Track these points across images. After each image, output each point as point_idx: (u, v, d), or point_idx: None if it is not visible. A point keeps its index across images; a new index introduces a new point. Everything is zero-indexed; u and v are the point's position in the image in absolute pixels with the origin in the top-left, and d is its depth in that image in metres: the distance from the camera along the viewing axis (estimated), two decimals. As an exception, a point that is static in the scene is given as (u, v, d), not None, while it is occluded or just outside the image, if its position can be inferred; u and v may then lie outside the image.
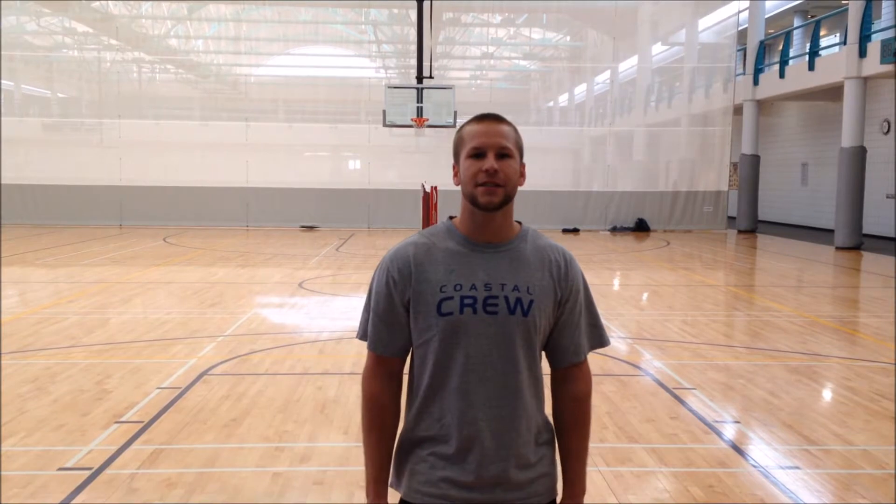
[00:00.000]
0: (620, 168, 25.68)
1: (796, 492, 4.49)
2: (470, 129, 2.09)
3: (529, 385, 2.07)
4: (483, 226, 2.07)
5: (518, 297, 2.03)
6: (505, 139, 2.06)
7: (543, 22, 30.42)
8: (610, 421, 5.68)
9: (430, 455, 2.05)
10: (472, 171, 2.04)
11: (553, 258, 2.11)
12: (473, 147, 2.05)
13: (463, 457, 2.02)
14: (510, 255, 2.07)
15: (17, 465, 4.73)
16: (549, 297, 2.07)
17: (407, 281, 2.05)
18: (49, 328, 8.81)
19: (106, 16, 26.63)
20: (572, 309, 2.13)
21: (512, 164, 2.06)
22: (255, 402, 6.06)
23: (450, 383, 2.03)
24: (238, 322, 9.33)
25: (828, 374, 7.37)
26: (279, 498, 4.33)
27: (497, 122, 2.08)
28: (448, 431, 2.03)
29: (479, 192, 2.03)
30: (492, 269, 2.05)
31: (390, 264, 2.09)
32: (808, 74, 21.15)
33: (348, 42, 32.88)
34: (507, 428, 2.03)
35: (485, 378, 2.02)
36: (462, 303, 2.02)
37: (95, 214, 23.46)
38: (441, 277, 2.04)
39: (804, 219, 26.22)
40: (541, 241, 2.14)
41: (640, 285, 13.52)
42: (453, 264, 2.05)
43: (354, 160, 26.84)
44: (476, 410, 2.02)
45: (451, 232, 2.10)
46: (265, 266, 15.23)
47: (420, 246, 2.08)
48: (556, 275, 2.09)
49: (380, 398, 2.12)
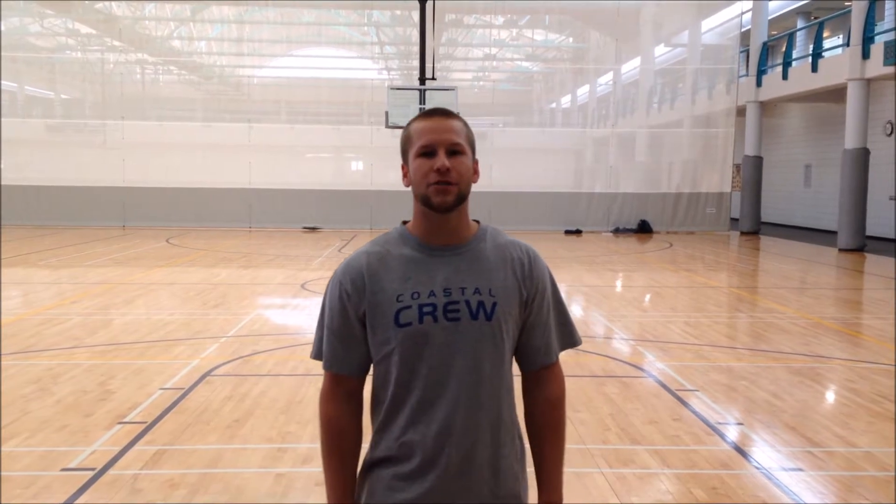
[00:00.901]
0: (623, 169, 25.67)
1: (799, 493, 4.48)
2: (417, 126, 1.95)
3: (498, 394, 1.94)
4: (438, 228, 1.95)
5: (480, 300, 1.91)
6: (455, 135, 1.93)
7: (546, 23, 30.42)
8: (612, 422, 5.68)
9: (391, 476, 1.92)
10: (422, 171, 1.91)
11: (515, 256, 1.99)
12: (422, 145, 1.92)
13: (424, 475, 1.89)
14: (469, 256, 1.95)
15: (21, 465, 4.74)
16: (514, 298, 1.95)
17: (361, 293, 1.93)
18: (52, 329, 8.83)
19: (109, 17, 26.66)
20: (540, 308, 2.01)
21: (464, 160, 1.93)
22: (258, 402, 6.06)
23: (412, 398, 1.90)
24: (241, 323, 9.33)
25: (831, 375, 7.36)
26: (282, 499, 4.34)
27: (446, 118, 1.94)
28: (410, 449, 1.90)
29: (432, 192, 1.90)
30: (450, 273, 1.92)
31: (343, 277, 1.96)
32: (812, 76, 21.13)
33: (351, 43, 32.89)
34: (472, 441, 1.90)
35: (448, 391, 1.89)
36: (421, 311, 1.89)
37: (98, 215, 23.48)
38: (397, 286, 1.91)
39: (807, 220, 26.19)
40: (501, 239, 2.01)
41: (643, 287, 13.51)
42: (409, 271, 1.92)
43: (357, 161, 26.86)
44: (439, 425, 1.89)
45: (405, 237, 1.98)
46: (268, 267, 15.25)
47: (373, 255, 1.96)
48: (519, 273, 1.97)
49: (338, 421, 1.98)
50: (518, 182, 24.52)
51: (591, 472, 4.71)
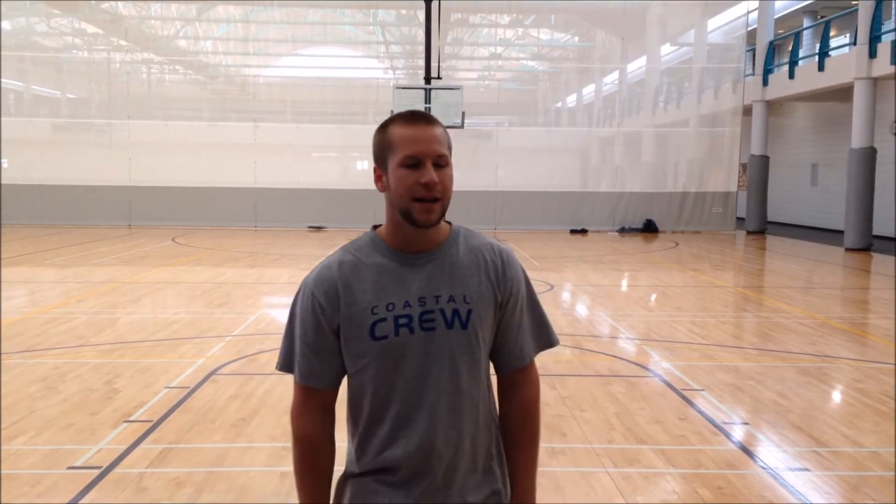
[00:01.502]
0: (629, 169, 25.63)
1: (805, 493, 4.47)
2: (401, 132, 1.87)
3: (476, 402, 1.92)
4: (413, 238, 1.89)
5: (455, 308, 1.87)
6: (441, 145, 1.86)
7: (551, 22, 30.40)
8: (618, 422, 5.67)
9: (373, 482, 1.89)
10: (407, 183, 1.83)
11: (488, 259, 1.94)
12: (408, 155, 1.84)
13: (409, 486, 1.87)
14: (442, 262, 1.90)
15: (27, 464, 4.75)
16: (489, 303, 1.91)
17: (335, 306, 1.87)
18: (58, 328, 8.85)
19: (115, 17, 26.72)
20: (513, 310, 1.96)
21: (449, 172, 1.88)
22: (264, 401, 6.07)
23: (390, 411, 1.87)
24: (246, 322, 9.35)
25: (837, 375, 7.34)
26: (287, 497, 4.34)
27: (430, 126, 1.87)
28: (392, 463, 1.87)
29: (416, 210, 1.84)
30: (424, 282, 1.88)
31: (315, 288, 1.89)
32: (818, 75, 21.08)
33: (356, 43, 32.90)
34: (454, 451, 1.88)
35: (427, 402, 1.86)
36: (397, 323, 1.85)
37: (104, 214, 23.54)
38: (371, 298, 1.86)
39: (813, 220, 26.12)
40: (474, 241, 1.96)
41: (649, 286, 13.49)
42: (383, 281, 1.87)
43: (362, 161, 26.86)
44: (419, 438, 1.86)
45: (377, 244, 1.92)
46: (273, 266, 15.27)
47: (345, 264, 1.90)
48: (493, 276, 1.92)
49: (312, 438, 1.93)
50: (523, 181, 24.50)
51: (596, 472, 4.71)
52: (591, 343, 8.46)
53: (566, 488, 4.47)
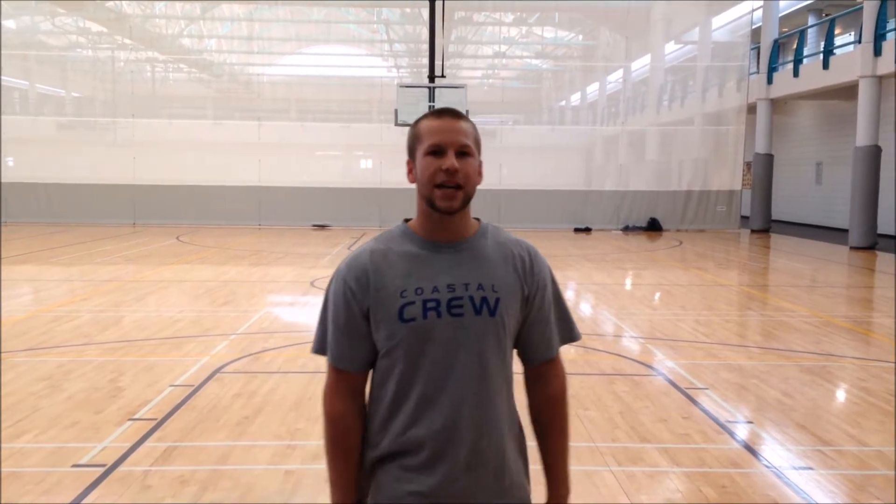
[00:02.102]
0: (633, 167, 25.60)
1: (809, 492, 4.47)
2: (427, 124, 1.98)
3: (500, 388, 1.98)
4: (441, 226, 1.98)
5: (483, 296, 1.95)
6: (465, 136, 1.96)
7: (556, 21, 30.38)
8: (622, 421, 5.67)
9: (396, 468, 1.94)
10: (430, 170, 1.95)
11: (516, 253, 2.02)
12: (432, 144, 1.95)
13: (431, 467, 1.92)
14: (471, 253, 1.99)
15: (32, 462, 4.76)
16: (516, 294, 1.99)
17: (365, 290, 1.95)
18: (63, 326, 8.87)
19: (120, 15, 26.77)
20: (541, 304, 2.04)
21: (472, 162, 1.97)
22: (268, 400, 6.07)
23: (415, 392, 1.93)
24: (250, 320, 9.36)
25: (842, 374, 7.32)
26: (291, 495, 4.35)
27: (456, 119, 1.98)
28: (416, 444, 1.92)
29: (438, 196, 1.94)
30: (453, 269, 1.96)
31: (347, 274, 1.98)
32: (823, 73, 21.03)
33: (360, 41, 32.94)
34: (478, 435, 1.93)
35: (453, 385, 1.92)
36: (425, 307, 1.92)
37: (109, 213, 23.59)
38: (400, 282, 1.94)
39: (818, 218, 26.07)
40: (502, 237, 2.05)
41: (653, 285, 13.48)
42: (412, 267, 1.95)
43: (366, 159, 26.88)
44: (444, 419, 1.91)
45: (408, 234, 2.02)
46: (277, 265, 15.28)
47: (376, 252, 1.98)
48: (520, 270, 2.00)
49: (344, 418, 2.00)
50: (527, 180, 24.50)
51: (600, 471, 4.70)
52: (595, 342, 8.46)
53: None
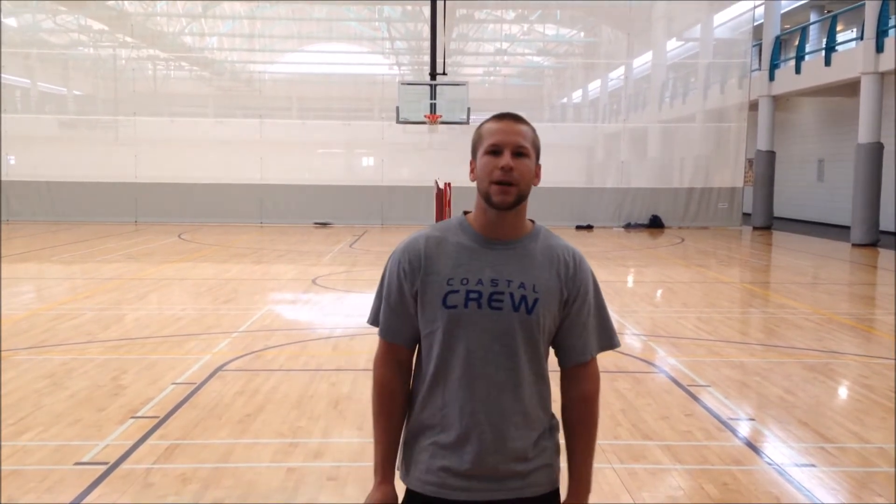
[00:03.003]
0: (634, 164, 25.58)
1: (812, 490, 4.47)
2: (489, 126, 2.12)
3: (531, 381, 2.08)
4: (495, 223, 2.10)
5: (524, 294, 2.06)
6: (522, 138, 2.09)
7: (557, 18, 30.34)
8: (624, 418, 5.67)
9: (431, 444, 2.09)
10: (488, 168, 2.07)
11: (562, 258, 2.13)
12: (491, 144, 2.08)
13: (462, 446, 2.05)
14: (519, 252, 2.10)
15: (34, 459, 4.77)
16: (555, 297, 2.09)
17: (417, 272, 2.09)
18: (65, 324, 8.88)
19: (121, 13, 26.77)
20: (580, 309, 2.14)
21: (527, 163, 2.10)
22: (270, 398, 6.08)
23: (452, 374, 2.06)
24: (252, 318, 9.36)
25: (844, 371, 7.32)
26: (293, 493, 4.35)
27: (516, 122, 2.11)
28: (449, 421, 2.06)
29: (494, 191, 2.06)
30: (500, 266, 2.07)
31: (402, 255, 2.12)
32: (825, 70, 20.99)
33: (362, 39, 32.91)
34: (505, 422, 2.05)
35: (486, 372, 2.05)
36: (467, 297, 2.05)
37: (111, 211, 23.61)
38: (449, 271, 2.07)
39: (820, 215, 26.04)
40: (552, 241, 2.15)
41: (655, 282, 13.47)
42: (462, 258, 2.08)
43: (368, 157, 26.87)
44: (476, 402, 2.04)
45: (464, 227, 2.13)
46: (279, 263, 15.29)
47: (432, 239, 2.12)
48: (563, 275, 2.11)
49: (390, 384, 2.15)
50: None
51: (602, 468, 4.71)
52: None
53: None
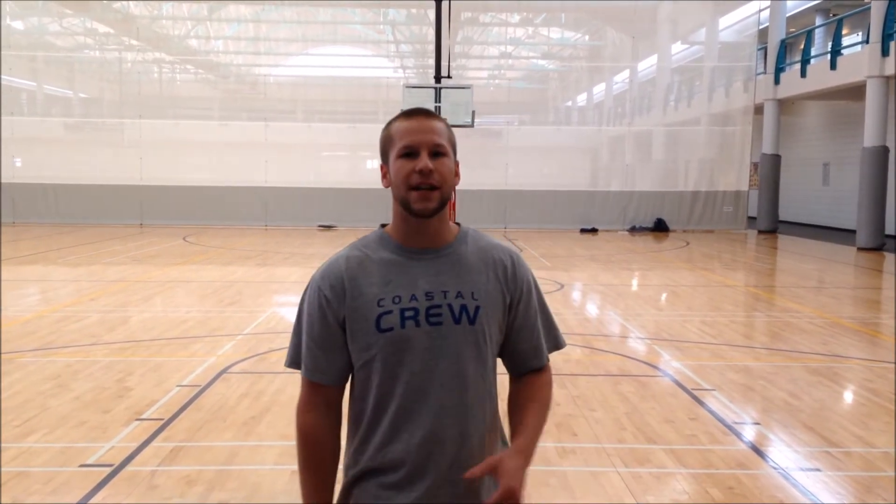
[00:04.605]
0: (639, 168, 25.56)
1: (817, 494, 4.46)
2: (399, 126, 1.92)
3: (482, 398, 1.90)
4: (418, 231, 1.90)
5: (463, 304, 1.87)
6: (438, 136, 1.88)
7: (562, 21, 30.33)
8: (628, 422, 5.66)
9: (376, 486, 1.88)
10: (404, 172, 1.86)
11: (497, 258, 1.95)
12: (404, 146, 1.88)
13: (412, 483, 1.85)
14: (450, 259, 1.91)
15: (40, 461, 4.78)
16: (497, 302, 1.92)
17: (341, 298, 1.88)
18: (71, 326, 8.90)
19: (127, 16, 26.83)
20: (526, 310, 1.97)
21: (447, 162, 1.89)
22: (274, 400, 6.09)
23: (394, 405, 1.86)
24: (257, 321, 9.37)
25: (849, 375, 7.30)
26: (297, 496, 4.33)
27: (428, 118, 1.91)
28: (395, 458, 1.86)
29: (413, 198, 1.85)
30: (432, 277, 1.88)
31: (321, 282, 1.92)
32: (830, 73, 20.95)
33: (367, 42, 32.92)
34: (458, 447, 1.86)
35: (432, 396, 1.85)
36: (403, 316, 1.85)
37: (116, 213, 23.65)
38: (377, 290, 1.87)
39: (825, 219, 25.98)
40: (483, 242, 1.97)
41: (659, 286, 13.45)
42: (390, 275, 1.88)
43: (372, 160, 26.85)
44: (423, 432, 1.85)
45: (385, 240, 1.94)
46: (283, 265, 15.30)
47: (352, 259, 1.92)
48: (502, 276, 1.93)
49: (315, 432, 1.94)
50: (534, 180, 24.47)
51: (606, 472, 4.70)
52: (601, 342, 8.45)
53: (576, 488, 4.46)
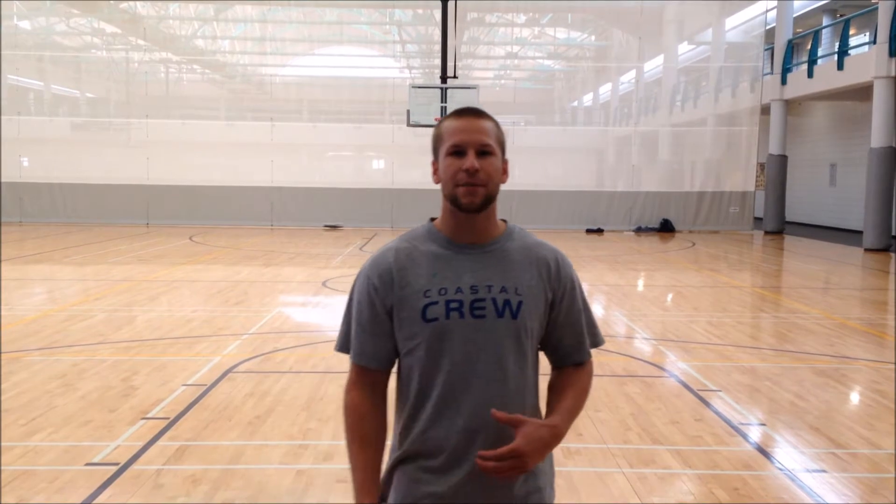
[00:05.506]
0: (645, 168, 25.52)
1: (823, 495, 4.44)
2: (449, 124, 1.99)
3: (521, 390, 1.97)
4: (465, 226, 1.98)
5: (506, 298, 1.94)
6: (486, 135, 1.96)
7: (568, 21, 30.32)
8: (634, 422, 5.65)
9: (416, 469, 1.95)
10: (451, 170, 1.94)
11: (542, 256, 2.01)
12: (453, 144, 1.95)
13: (451, 469, 1.92)
14: (496, 255, 1.98)
15: (45, 460, 4.80)
16: (540, 298, 1.98)
17: (389, 288, 1.95)
18: (77, 325, 8.92)
19: (134, 17, 26.91)
20: (569, 308, 2.03)
21: (493, 161, 1.97)
22: (279, 399, 6.09)
23: (436, 393, 1.93)
24: (262, 320, 9.38)
25: (855, 376, 7.28)
26: (302, 495, 4.36)
27: (477, 118, 1.98)
28: (435, 444, 1.93)
29: (460, 193, 1.93)
30: (477, 271, 1.95)
31: (371, 272, 1.99)
32: (837, 74, 20.89)
33: (373, 42, 32.98)
34: (498, 436, 1.90)
35: (472, 386, 1.92)
36: (448, 307, 1.92)
37: (123, 213, 23.71)
38: (424, 282, 1.94)
39: (832, 220, 25.91)
40: (529, 240, 2.04)
41: (665, 286, 13.43)
42: (436, 267, 1.95)
43: (378, 160, 26.91)
44: (464, 420, 1.91)
45: (433, 234, 2.01)
46: (289, 265, 15.31)
47: (401, 251, 1.98)
48: (545, 274, 2.00)
49: (359, 407, 2.00)
50: (540, 181, 24.45)
51: (612, 472, 4.69)
52: (606, 343, 8.40)
53: (582, 488, 4.46)
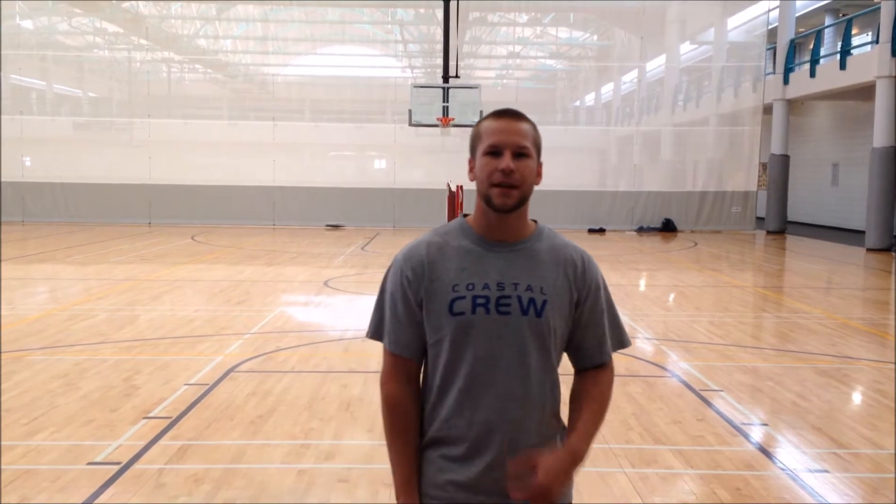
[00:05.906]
0: (647, 168, 25.50)
1: (825, 495, 4.44)
2: (488, 125, 2.04)
3: (542, 388, 2.03)
4: (497, 225, 2.03)
5: (531, 297, 2.00)
6: (523, 138, 2.01)
7: (570, 21, 30.31)
8: (636, 422, 5.65)
9: (439, 457, 2.03)
10: (487, 170, 2.00)
11: (569, 257, 2.07)
12: (490, 144, 2.00)
13: (471, 459, 1.99)
14: (524, 254, 2.04)
15: (47, 459, 4.80)
16: (565, 298, 2.03)
17: (420, 280, 2.02)
18: (79, 324, 8.93)
19: (136, 16, 26.92)
20: (593, 308, 2.08)
21: (529, 163, 2.01)
22: (281, 399, 6.10)
23: (459, 384, 2.00)
24: (264, 320, 9.39)
25: (858, 376, 7.27)
26: (304, 494, 4.36)
27: (516, 120, 2.02)
28: (457, 433, 2.00)
29: (494, 193, 1.99)
30: (505, 269, 2.01)
31: (404, 263, 2.06)
32: (840, 73, 20.87)
33: (375, 42, 32.97)
34: (517, 431, 1.99)
35: (494, 380, 1.98)
36: (474, 302, 1.98)
37: (125, 213, 23.73)
38: (453, 276, 2.00)
39: (834, 220, 25.89)
40: (557, 241, 2.09)
41: (667, 286, 13.42)
42: (466, 263, 2.01)
43: (380, 160, 26.91)
44: (485, 413, 1.98)
45: (465, 230, 2.07)
46: (291, 264, 15.32)
47: (433, 244, 2.05)
48: (571, 275, 2.05)
49: (402, 401, 2.08)
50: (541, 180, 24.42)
51: (613, 472, 4.69)
52: (608, 343, 8.42)
53: (583, 488, 4.46)
